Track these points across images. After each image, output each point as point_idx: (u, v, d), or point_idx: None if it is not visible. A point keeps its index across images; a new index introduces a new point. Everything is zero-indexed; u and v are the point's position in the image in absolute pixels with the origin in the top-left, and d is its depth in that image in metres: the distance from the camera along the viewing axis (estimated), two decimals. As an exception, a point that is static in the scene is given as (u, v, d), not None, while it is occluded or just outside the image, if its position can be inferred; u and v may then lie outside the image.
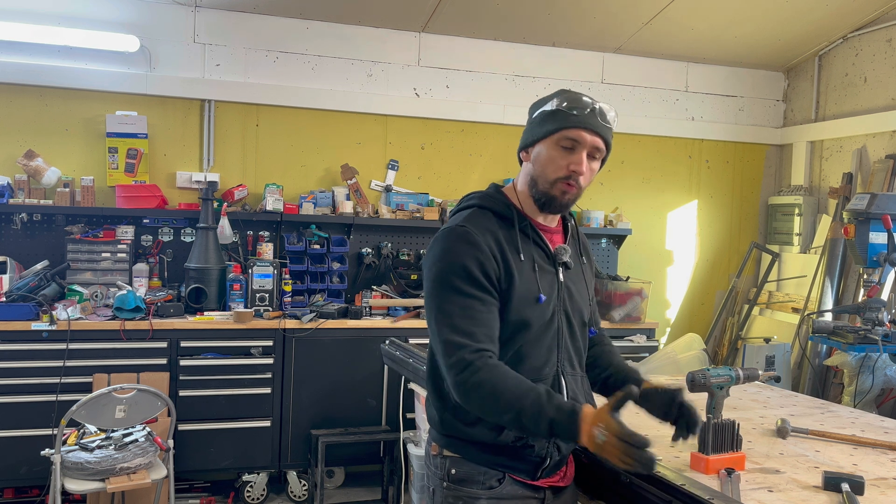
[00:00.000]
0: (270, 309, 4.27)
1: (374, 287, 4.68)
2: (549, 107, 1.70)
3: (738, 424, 1.89)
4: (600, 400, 1.79)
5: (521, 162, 1.81)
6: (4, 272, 3.94)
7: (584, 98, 1.69)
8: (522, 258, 1.71)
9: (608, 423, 1.51)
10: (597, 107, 1.69)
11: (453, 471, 1.73)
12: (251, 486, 4.17)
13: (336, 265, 4.59)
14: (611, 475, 1.93)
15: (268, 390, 4.06)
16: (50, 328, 3.73)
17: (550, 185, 1.71)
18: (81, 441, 3.23)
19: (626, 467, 1.48)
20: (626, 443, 1.46)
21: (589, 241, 2.02)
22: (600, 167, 1.76)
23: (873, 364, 3.93)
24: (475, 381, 1.57)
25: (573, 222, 1.89)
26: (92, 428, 3.30)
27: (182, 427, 3.85)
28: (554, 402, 1.55)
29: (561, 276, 1.78)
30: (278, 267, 4.42)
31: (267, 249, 4.51)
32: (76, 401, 3.13)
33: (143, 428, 3.36)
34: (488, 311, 1.64)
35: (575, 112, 1.67)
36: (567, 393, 1.75)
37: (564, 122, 1.67)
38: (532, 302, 1.69)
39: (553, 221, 1.83)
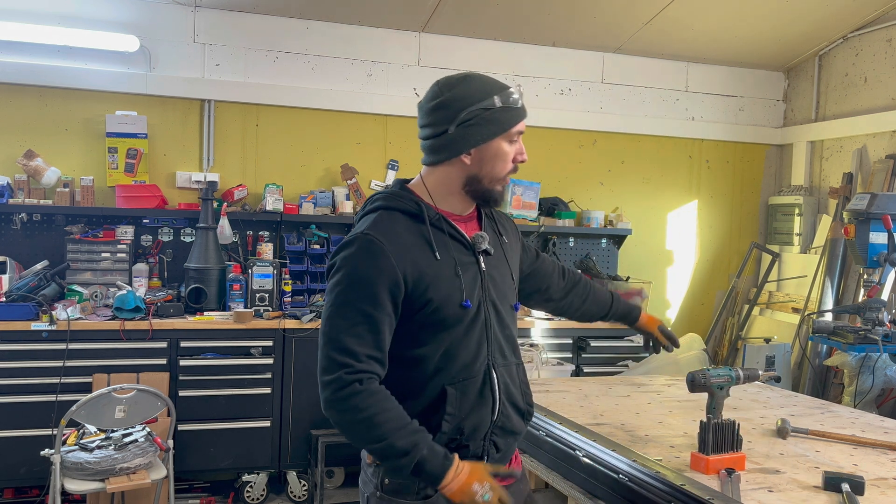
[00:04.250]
0: (270, 309, 4.27)
1: (374, 287, 4.67)
2: (488, 104, 1.63)
3: (738, 424, 1.89)
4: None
5: (433, 163, 1.70)
6: (4, 272, 3.94)
7: (510, 87, 1.68)
8: (439, 257, 1.64)
9: (494, 485, 1.57)
10: (521, 91, 1.69)
11: (386, 481, 1.67)
12: (251, 487, 4.16)
13: (336, 265, 4.58)
14: (609, 476, 1.93)
15: (268, 390, 4.06)
16: (50, 328, 3.72)
17: (500, 182, 1.70)
18: (81, 441, 3.23)
19: None
20: None
21: (515, 226, 1.98)
22: None
23: (873, 364, 3.93)
24: (350, 404, 1.54)
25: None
26: (92, 428, 3.30)
27: (182, 427, 3.85)
28: (429, 443, 1.56)
29: (483, 264, 1.72)
30: (278, 267, 4.42)
31: (267, 249, 4.50)
32: (76, 401, 3.13)
33: (143, 428, 3.36)
34: (378, 330, 1.58)
35: (516, 104, 1.66)
36: (499, 385, 1.70)
37: (516, 118, 1.66)
38: (455, 304, 1.64)
39: (467, 210, 1.76)
